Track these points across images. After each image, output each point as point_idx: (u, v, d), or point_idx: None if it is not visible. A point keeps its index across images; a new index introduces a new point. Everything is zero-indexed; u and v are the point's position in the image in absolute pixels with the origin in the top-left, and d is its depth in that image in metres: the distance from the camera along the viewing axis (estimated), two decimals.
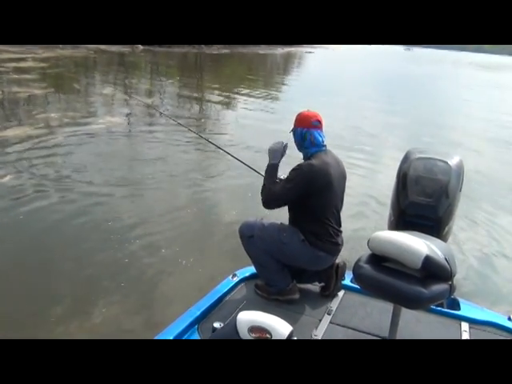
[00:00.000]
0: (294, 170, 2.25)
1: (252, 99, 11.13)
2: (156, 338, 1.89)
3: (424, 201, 2.18)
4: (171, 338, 1.89)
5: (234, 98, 11.28)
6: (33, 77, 10.34)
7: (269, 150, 2.40)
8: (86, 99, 9.46)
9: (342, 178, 2.37)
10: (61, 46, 16.28)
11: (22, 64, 11.75)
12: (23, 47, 13.46)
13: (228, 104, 10.62)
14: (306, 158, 2.31)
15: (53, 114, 7.54)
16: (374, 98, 13.34)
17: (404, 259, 1.77)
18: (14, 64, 11.55)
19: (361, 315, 2.24)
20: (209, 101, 10.76)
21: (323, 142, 2.30)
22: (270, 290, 2.31)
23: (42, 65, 12.04)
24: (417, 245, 1.76)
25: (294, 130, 2.35)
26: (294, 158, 2.42)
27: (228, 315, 2.06)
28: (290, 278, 2.33)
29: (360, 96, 13.33)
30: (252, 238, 2.31)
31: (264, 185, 2.32)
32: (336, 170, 2.30)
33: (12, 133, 6.29)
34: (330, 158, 2.30)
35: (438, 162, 2.26)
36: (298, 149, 2.36)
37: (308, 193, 2.22)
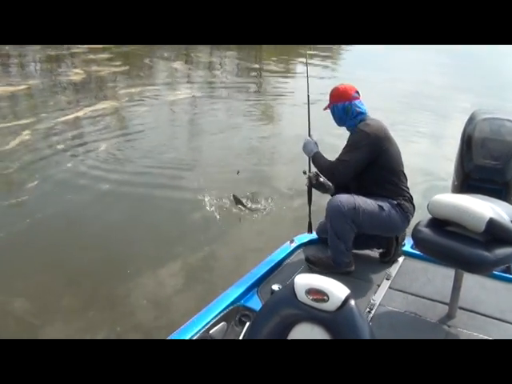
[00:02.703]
0: (352, 135, 2.26)
1: (312, 67, 11.09)
2: (218, 299, 2.00)
3: (490, 164, 2.10)
4: (233, 299, 1.98)
5: (294, 66, 11.31)
6: (108, 56, 10.97)
7: (303, 149, 2.44)
8: (159, 74, 10.11)
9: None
10: None
11: (95, 45, 12.46)
12: None
13: (287, 72, 10.71)
14: (353, 127, 2.31)
15: (133, 89, 8.18)
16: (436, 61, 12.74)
17: (466, 222, 1.73)
18: (88, 45, 12.26)
19: (421, 281, 2.19)
20: (267, 70, 10.95)
21: (366, 109, 2.32)
22: (331, 263, 2.27)
23: (113, 44, 12.69)
24: (480, 207, 1.71)
25: (332, 107, 2.34)
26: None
27: (286, 279, 2.08)
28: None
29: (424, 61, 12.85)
30: (355, 209, 2.18)
31: (321, 168, 2.32)
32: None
33: (101, 106, 7.07)
34: (375, 120, 2.30)
35: (507, 122, 2.15)
36: (340, 124, 2.37)
37: (378, 154, 2.20)
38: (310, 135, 2.48)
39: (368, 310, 1.98)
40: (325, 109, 2.40)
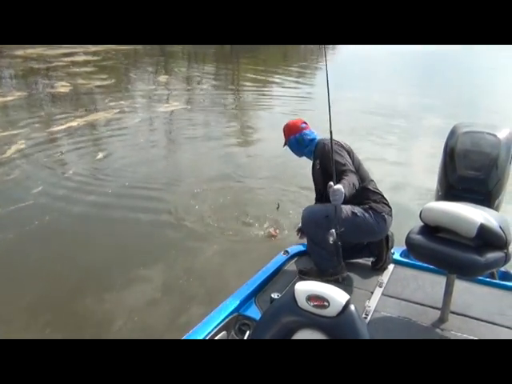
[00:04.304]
0: (322, 152, 2.36)
1: (287, 85, 11.28)
2: (217, 309, 2.00)
3: (473, 174, 2.17)
4: (231, 309, 2.00)
5: (270, 81, 11.54)
6: (91, 69, 11.00)
7: (335, 201, 2.13)
8: (145, 87, 10.21)
9: None
10: None
11: (78, 58, 12.45)
12: None
13: (263, 87, 10.97)
14: (310, 154, 2.51)
15: (122, 102, 8.34)
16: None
17: (458, 228, 1.79)
18: (70, 58, 12.26)
19: (412, 287, 2.25)
20: (244, 88, 11.17)
21: (316, 136, 2.52)
22: (321, 272, 2.32)
23: (95, 58, 12.69)
24: (471, 214, 1.78)
25: (288, 142, 2.57)
26: None
27: (283, 287, 2.14)
28: (341, 259, 2.33)
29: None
30: (327, 217, 2.20)
31: (350, 189, 2.20)
32: None
33: (92, 118, 7.26)
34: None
35: (486, 135, 2.23)
36: (299, 154, 2.59)
37: None
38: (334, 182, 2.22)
39: (364, 315, 2.05)
40: (283, 146, 2.59)
